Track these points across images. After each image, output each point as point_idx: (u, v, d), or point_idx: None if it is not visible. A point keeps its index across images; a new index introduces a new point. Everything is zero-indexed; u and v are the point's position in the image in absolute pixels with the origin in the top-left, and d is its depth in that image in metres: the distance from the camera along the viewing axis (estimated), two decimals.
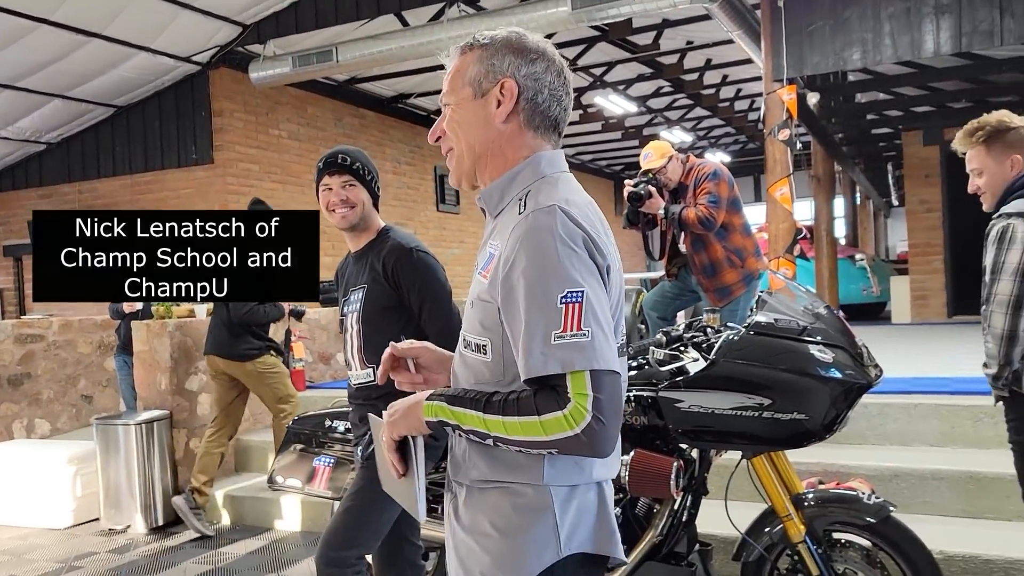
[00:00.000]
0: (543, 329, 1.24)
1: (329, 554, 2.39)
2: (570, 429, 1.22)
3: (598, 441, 1.23)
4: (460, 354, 1.45)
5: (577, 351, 1.23)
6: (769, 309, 2.69)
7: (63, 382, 7.40)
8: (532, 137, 1.42)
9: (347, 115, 11.48)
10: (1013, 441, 2.60)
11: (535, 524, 1.33)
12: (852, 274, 10.25)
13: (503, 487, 1.35)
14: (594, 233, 1.32)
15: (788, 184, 6.87)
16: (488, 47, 1.42)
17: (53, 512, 5.08)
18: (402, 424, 1.39)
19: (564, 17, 7.46)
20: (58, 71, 8.84)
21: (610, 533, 1.39)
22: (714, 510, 2.84)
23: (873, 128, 12.19)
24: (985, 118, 2.60)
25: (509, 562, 1.33)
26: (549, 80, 1.42)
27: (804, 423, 2.50)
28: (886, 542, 2.65)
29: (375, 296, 2.48)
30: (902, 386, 4.53)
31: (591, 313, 1.25)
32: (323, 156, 2.58)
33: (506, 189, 1.41)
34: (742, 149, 18.58)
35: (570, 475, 1.34)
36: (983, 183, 2.60)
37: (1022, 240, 2.45)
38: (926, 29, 6.45)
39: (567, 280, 1.25)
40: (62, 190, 10.66)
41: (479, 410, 1.30)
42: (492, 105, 1.40)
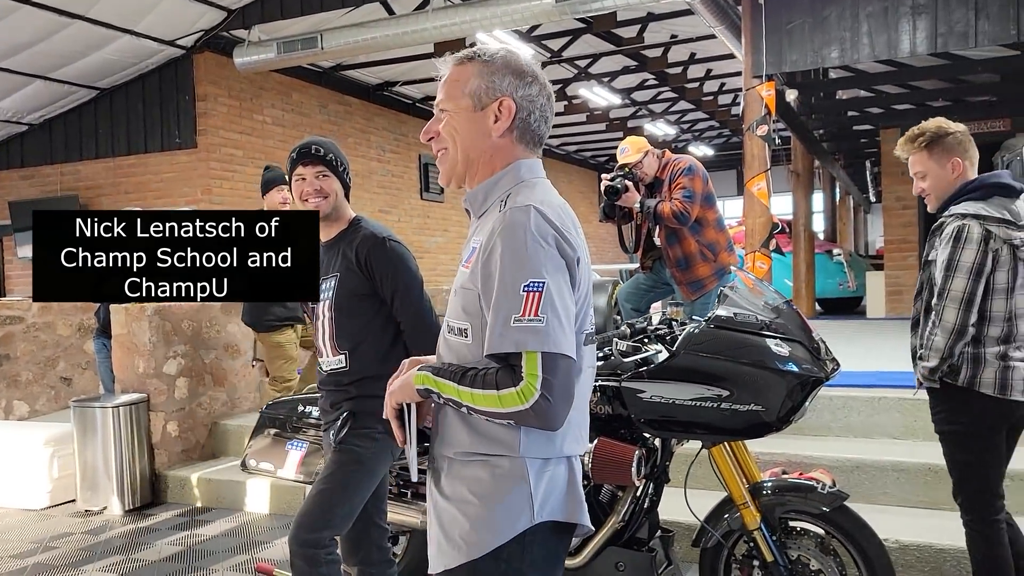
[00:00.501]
0: (505, 312, 1.40)
1: (303, 536, 2.45)
2: (521, 404, 1.39)
3: (546, 416, 1.40)
4: (444, 338, 1.59)
5: (531, 334, 1.39)
6: (730, 304, 2.77)
7: (42, 364, 7.41)
8: (521, 150, 1.58)
9: (332, 102, 11.46)
10: (944, 431, 2.74)
11: (512, 492, 1.47)
12: (829, 269, 10.38)
13: (483, 459, 1.49)
14: (564, 230, 1.46)
15: (766, 179, 6.97)
16: (489, 64, 1.56)
17: (30, 493, 5.12)
18: (399, 393, 1.58)
19: (548, 9, 7.50)
20: (41, 52, 8.78)
21: (578, 503, 1.54)
22: (676, 498, 2.92)
23: (853, 125, 12.32)
24: (924, 125, 2.74)
25: (487, 525, 1.48)
26: (541, 103, 1.58)
27: (761, 414, 2.58)
28: (839, 530, 2.74)
29: (348, 284, 2.53)
30: (866, 380, 4.64)
31: (549, 302, 1.40)
32: (296, 147, 2.62)
33: (489, 192, 1.57)
34: (726, 143, 18.69)
35: (543, 448, 1.49)
36: (927, 186, 2.74)
37: (977, 240, 2.57)
38: (903, 29, 6.55)
39: (532, 271, 1.40)
40: (44, 171, 10.59)
41: (455, 381, 1.47)
42: (490, 119, 1.55)
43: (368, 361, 2.54)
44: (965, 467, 2.71)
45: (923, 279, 2.77)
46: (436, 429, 1.59)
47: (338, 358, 2.56)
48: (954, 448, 2.73)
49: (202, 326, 5.68)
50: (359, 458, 2.51)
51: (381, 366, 2.56)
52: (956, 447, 2.72)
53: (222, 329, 5.84)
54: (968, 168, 2.71)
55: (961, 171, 2.69)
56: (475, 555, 1.48)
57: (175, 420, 5.40)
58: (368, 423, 2.51)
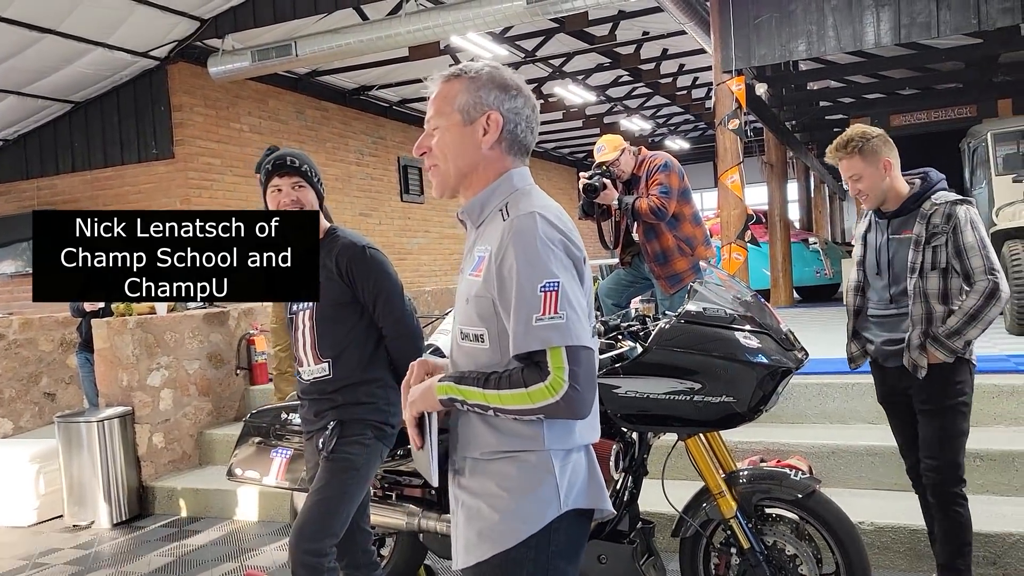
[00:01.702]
0: (526, 313, 1.49)
1: (306, 545, 2.49)
2: (552, 397, 1.48)
3: (576, 405, 1.49)
4: (458, 345, 1.66)
5: (554, 331, 1.48)
6: (699, 299, 2.84)
7: (25, 380, 7.38)
8: (510, 160, 1.67)
9: (309, 108, 11.46)
10: (954, 403, 2.85)
11: (541, 485, 1.56)
12: (806, 257, 10.50)
13: (509, 456, 1.57)
14: (568, 232, 1.56)
15: (739, 172, 7.07)
16: (475, 79, 1.63)
17: (17, 510, 5.12)
18: (420, 403, 1.63)
19: (520, 11, 7.56)
20: (12, 68, 8.73)
21: (599, 489, 1.64)
22: (656, 489, 2.99)
23: (825, 115, 12.48)
24: (849, 132, 2.94)
25: (517, 516, 1.55)
26: (526, 114, 1.66)
27: (733, 405, 2.65)
28: (812, 516, 2.82)
29: (329, 293, 2.57)
30: (841, 366, 4.70)
31: (565, 300, 1.49)
32: (270, 158, 2.66)
33: (486, 202, 1.65)
34: (701, 135, 18.82)
35: (564, 440, 1.57)
36: (864, 187, 2.91)
37: (981, 221, 2.86)
38: (867, 21, 6.66)
39: (546, 272, 1.49)
40: (20, 187, 10.53)
41: (480, 386, 1.54)
42: (479, 133, 1.62)
43: (351, 368, 2.59)
44: (962, 437, 2.87)
45: (920, 262, 2.83)
46: (456, 434, 1.66)
47: (321, 366, 2.61)
48: (960, 419, 2.86)
49: (185, 337, 5.70)
50: (352, 465, 2.56)
51: (364, 372, 2.61)
52: (962, 418, 2.86)
53: (205, 339, 5.87)
54: (895, 165, 2.90)
55: (891, 169, 2.88)
56: (507, 545, 1.55)
57: (161, 431, 5.42)
58: (356, 430, 2.57)
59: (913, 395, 2.94)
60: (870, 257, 3.02)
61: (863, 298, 3.08)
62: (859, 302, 3.09)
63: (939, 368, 2.82)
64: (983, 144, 7.47)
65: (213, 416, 5.86)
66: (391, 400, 2.65)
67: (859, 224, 3.18)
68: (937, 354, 2.80)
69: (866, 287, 3.06)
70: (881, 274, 2.96)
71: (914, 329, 2.84)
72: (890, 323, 2.95)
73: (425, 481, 3.12)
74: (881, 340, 2.98)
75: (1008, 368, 4.42)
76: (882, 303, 2.98)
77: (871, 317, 3.04)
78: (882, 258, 2.96)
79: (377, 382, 2.63)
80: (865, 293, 3.07)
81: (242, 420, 3.62)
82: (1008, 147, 7.31)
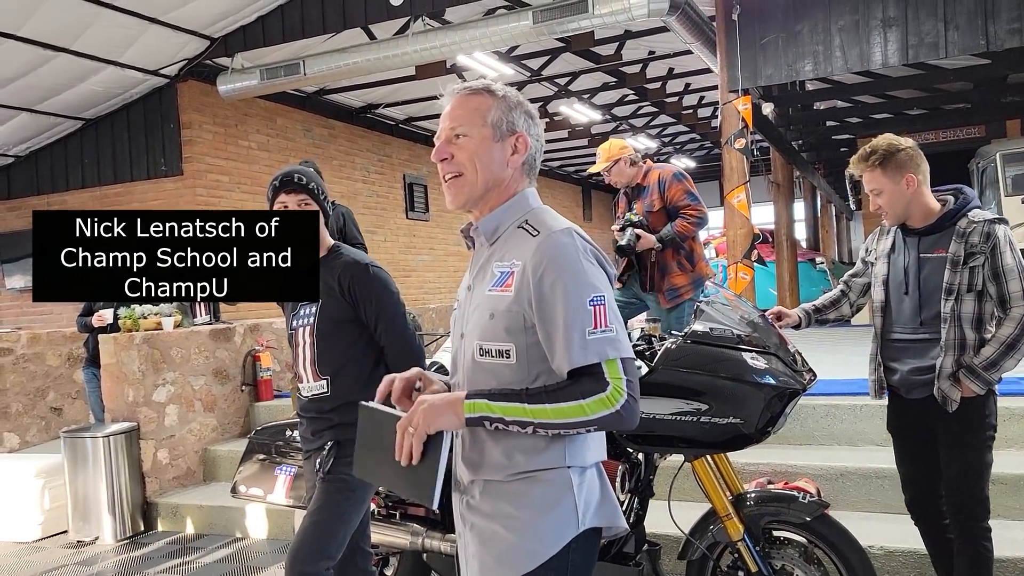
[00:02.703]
0: (579, 327, 1.50)
1: (301, 568, 2.47)
2: (611, 407, 1.50)
3: (631, 415, 1.53)
4: (476, 362, 1.62)
5: (608, 344, 1.51)
6: (706, 319, 2.83)
7: (32, 395, 7.40)
8: (525, 181, 1.72)
9: (316, 126, 11.53)
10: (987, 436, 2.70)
11: (560, 504, 1.56)
12: (813, 277, 10.48)
13: (527, 477, 1.56)
14: (597, 248, 1.61)
15: (745, 191, 7.07)
16: (506, 100, 1.68)
17: (21, 525, 5.11)
18: (442, 421, 1.52)
19: (526, 30, 7.60)
20: (26, 85, 8.82)
21: (613, 507, 1.65)
22: (662, 511, 2.96)
23: (832, 135, 12.49)
24: (875, 143, 2.76)
25: (538, 537, 1.55)
26: (542, 142, 1.74)
27: (740, 427, 2.63)
28: (821, 539, 2.79)
29: (330, 310, 2.58)
30: (849, 388, 4.69)
31: (612, 313, 1.54)
32: (277, 175, 2.68)
33: (502, 219, 1.67)
34: (707, 154, 18.87)
35: (581, 457, 1.59)
36: (884, 202, 2.75)
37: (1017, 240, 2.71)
38: (874, 41, 6.68)
39: (592, 287, 1.53)
40: (31, 203, 10.59)
41: (522, 402, 1.51)
42: (507, 151, 1.66)
43: (349, 386, 2.58)
44: (988, 470, 2.72)
45: (957, 283, 2.65)
46: (463, 455, 1.62)
47: (320, 383, 2.61)
48: (987, 452, 2.71)
49: (191, 352, 5.71)
50: (349, 486, 2.54)
51: (363, 391, 2.59)
52: (988, 451, 2.72)
53: (211, 355, 5.87)
54: (921, 183, 2.72)
55: (915, 186, 2.71)
56: (528, 568, 1.53)
57: (166, 447, 5.42)
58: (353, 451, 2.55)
59: (938, 429, 2.75)
60: (895, 276, 2.80)
61: (886, 320, 2.85)
62: (881, 324, 2.86)
63: (970, 400, 2.65)
64: (992, 165, 7.46)
65: (218, 432, 5.85)
66: None
67: (881, 240, 2.94)
68: (972, 386, 2.63)
69: (888, 309, 2.83)
70: (909, 295, 2.75)
71: (946, 356, 2.65)
72: (917, 349, 2.74)
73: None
74: (908, 368, 2.77)
75: (1020, 391, 4.37)
76: (909, 327, 2.76)
77: (896, 343, 2.81)
78: (910, 278, 2.75)
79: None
80: (888, 315, 2.84)
81: (247, 437, 3.62)
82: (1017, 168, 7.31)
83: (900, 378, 2.81)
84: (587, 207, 20.53)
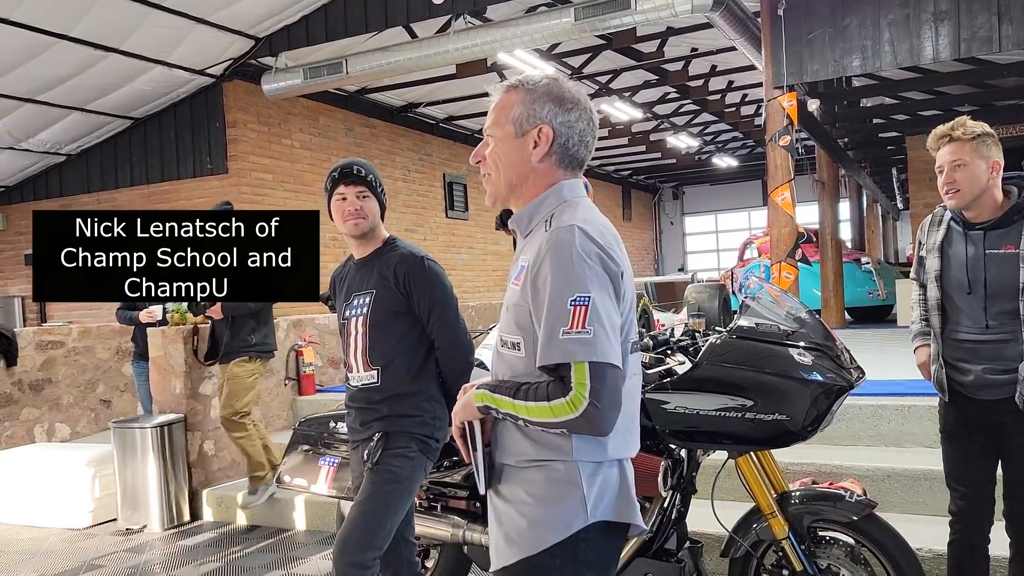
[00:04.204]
0: (553, 325, 1.48)
1: (349, 557, 2.51)
2: (572, 412, 1.47)
3: (595, 422, 1.47)
4: (498, 352, 1.68)
5: (579, 345, 1.46)
6: (751, 314, 2.79)
7: (82, 387, 7.60)
8: (561, 172, 1.66)
9: (358, 125, 11.66)
10: None
11: (567, 495, 1.55)
12: (858, 277, 10.28)
13: (539, 465, 1.57)
14: (607, 247, 1.54)
15: (789, 189, 6.97)
16: (532, 91, 1.63)
17: (73, 513, 5.25)
18: (462, 413, 1.66)
19: (568, 27, 7.60)
20: (77, 85, 9.07)
21: (630, 504, 1.62)
22: (704, 509, 2.93)
23: (879, 132, 12.24)
24: (967, 121, 2.61)
25: (543, 523, 1.56)
26: (580, 128, 1.64)
27: (786, 424, 2.59)
28: (869, 539, 2.73)
29: (384, 301, 2.60)
30: (896, 388, 4.61)
31: (595, 315, 1.47)
32: (337, 166, 2.69)
33: (534, 213, 1.65)
34: (750, 153, 18.63)
35: (594, 452, 1.56)
36: (963, 176, 2.56)
37: None
38: (925, 35, 6.53)
39: (578, 286, 1.48)
40: (81, 200, 10.89)
41: (511, 396, 1.55)
42: (529, 145, 1.62)
43: (399, 378, 2.60)
44: None
45: None
46: (496, 440, 1.67)
47: (370, 374, 2.63)
48: None
49: None
50: (396, 477, 2.57)
51: (412, 384, 2.62)
52: None
53: None
54: (999, 172, 2.60)
55: (997, 173, 2.58)
56: (531, 551, 1.56)
57: (211, 439, 5.52)
58: (401, 442, 2.58)
59: (1009, 432, 2.61)
60: (955, 274, 2.64)
61: (945, 319, 2.70)
62: (940, 323, 2.71)
63: None
64: None
65: (262, 425, 5.94)
66: (437, 414, 2.65)
67: (931, 233, 2.77)
68: None
69: (949, 307, 2.68)
70: (974, 294, 2.59)
71: None
72: (989, 350, 2.59)
73: (470, 492, 3.13)
74: (982, 368, 2.61)
75: None
76: (977, 327, 2.61)
77: (964, 343, 2.66)
78: (975, 275, 2.58)
79: (424, 394, 2.64)
80: (947, 314, 2.69)
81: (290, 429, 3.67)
82: None
83: (974, 379, 2.65)
84: (626, 207, 20.42)
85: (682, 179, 22.09)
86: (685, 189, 23.27)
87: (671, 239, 23.67)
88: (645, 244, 22.26)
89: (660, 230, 23.51)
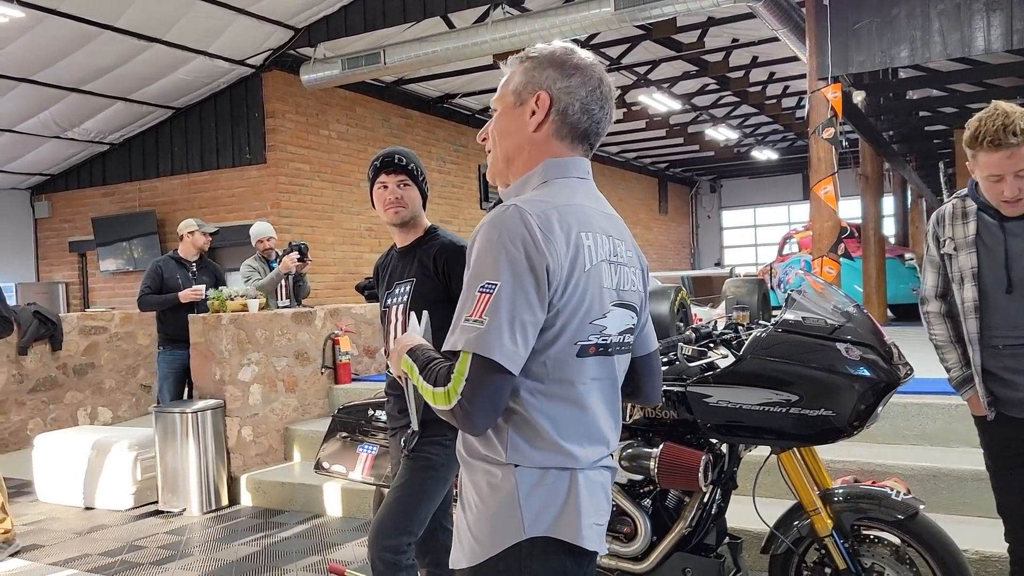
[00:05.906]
0: (460, 310, 1.38)
1: (384, 541, 2.52)
2: (446, 404, 1.34)
3: (462, 421, 1.34)
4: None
5: (469, 334, 1.33)
6: (797, 308, 2.73)
7: (124, 372, 7.75)
8: (559, 147, 1.49)
9: (394, 115, 11.70)
10: None
11: (500, 503, 1.39)
12: (901, 273, 10.06)
13: (484, 464, 1.42)
14: (544, 234, 1.34)
15: (832, 183, 6.84)
16: (534, 59, 1.50)
17: (116, 495, 5.36)
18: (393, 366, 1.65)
19: (607, 17, 7.52)
20: (120, 75, 9.22)
21: (574, 520, 1.40)
22: (745, 506, 2.89)
23: (925, 126, 11.96)
24: (1013, 117, 2.28)
25: (482, 533, 1.41)
26: (583, 94, 1.47)
27: (832, 420, 2.54)
28: (915, 539, 2.66)
29: (424, 289, 2.61)
30: (943, 387, 4.48)
31: (495, 306, 1.32)
32: (379, 155, 2.70)
33: (519, 192, 1.50)
34: (790, 146, 18.33)
35: (530, 457, 1.39)
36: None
37: None
38: (976, 26, 6.35)
39: (491, 273, 1.34)
40: (123, 188, 11.10)
41: (420, 372, 1.43)
42: (527, 114, 1.48)
43: None
44: None
45: None
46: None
47: None
48: None
49: (274, 334, 5.87)
50: (432, 464, 2.57)
51: None
52: None
53: (293, 337, 6.02)
54: None
55: None
56: (475, 561, 1.42)
57: (249, 425, 5.59)
58: (438, 430, 2.57)
59: None
60: (995, 270, 2.41)
61: (984, 323, 2.45)
62: (978, 328, 2.46)
63: None
64: None
65: (298, 412, 6.00)
66: None
67: (958, 226, 2.51)
68: None
69: (987, 310, 2.45)
70: (1014, 293, 2.38)
71: None
72: None
73: None
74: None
75: None
76: (1019, 330, 2.40)
77: (1004, 349, 2.43)
78: (1017, 273, 2.37)
79: None
80: (986, 317, 2.45)
81: (327, 417, 3.69)
82: None
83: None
84: (663, 200, 20.24)
85: (720, 172, 21.83)
86: (723, 182, 22.98)
87: (708, 233, 23.41)
88: (681, 238, 22.05)
89: (696, 224, 23.27)
